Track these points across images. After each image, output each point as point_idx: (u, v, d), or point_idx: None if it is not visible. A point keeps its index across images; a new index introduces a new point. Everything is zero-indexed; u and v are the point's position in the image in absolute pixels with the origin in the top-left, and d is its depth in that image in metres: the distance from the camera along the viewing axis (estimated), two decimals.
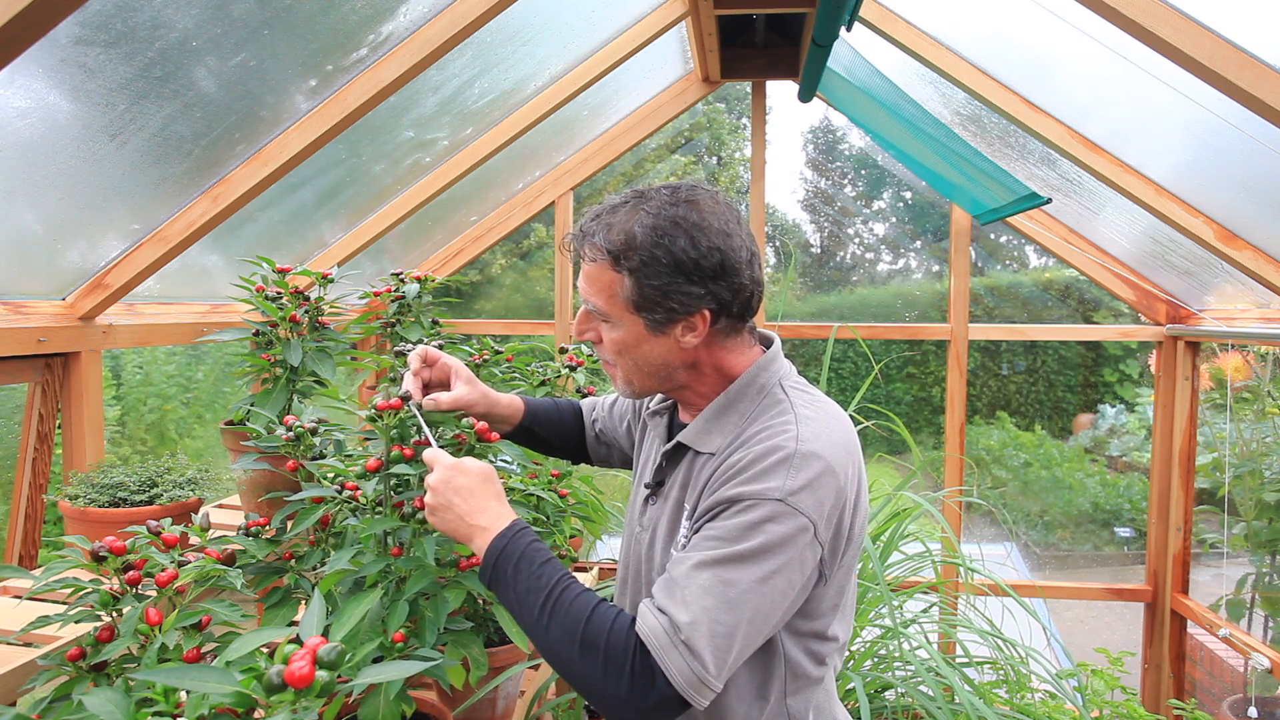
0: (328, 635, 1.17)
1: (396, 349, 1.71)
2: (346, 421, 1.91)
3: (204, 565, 1.20)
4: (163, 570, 1.16)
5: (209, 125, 1.82)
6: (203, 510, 1.38)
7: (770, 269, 5.90)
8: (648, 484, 1.26)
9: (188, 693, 0.89)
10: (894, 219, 7.56)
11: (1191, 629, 3.31)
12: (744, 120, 7.68)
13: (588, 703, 1.21)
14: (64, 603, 1.17)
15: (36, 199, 1.70)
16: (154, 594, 1.16)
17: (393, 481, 1.39)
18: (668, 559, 1.16)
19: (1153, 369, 3.39)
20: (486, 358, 2.02)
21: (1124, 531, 6.30)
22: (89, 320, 1.99)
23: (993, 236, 5.90)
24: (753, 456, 1.05)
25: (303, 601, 1.43)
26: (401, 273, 1.93)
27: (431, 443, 1.26)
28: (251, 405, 1.65)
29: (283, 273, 1.72)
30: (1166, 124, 2.29)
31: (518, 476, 1.73)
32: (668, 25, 2.72)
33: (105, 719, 0.88)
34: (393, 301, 1.89)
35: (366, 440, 1.48)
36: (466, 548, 1.41)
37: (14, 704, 1.24)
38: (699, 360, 1.16)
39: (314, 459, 1.47)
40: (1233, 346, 3.71)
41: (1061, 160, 2.68)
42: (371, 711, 1.19)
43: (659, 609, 1.00)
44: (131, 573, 1.16)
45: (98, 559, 1.14)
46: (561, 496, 1.88)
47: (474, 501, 1.12)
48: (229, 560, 1.24)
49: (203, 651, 1.11)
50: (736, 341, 1.18)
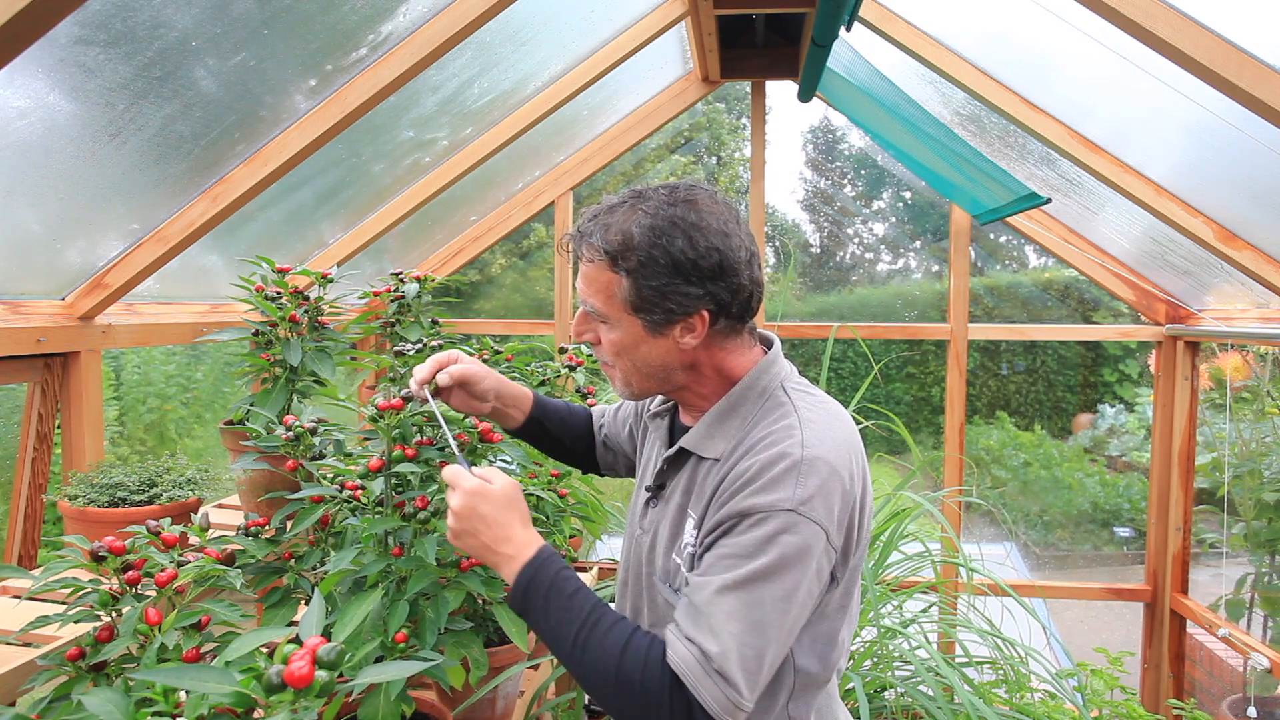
0: (329, 635, 1.17)
1: (396, 349, 1.71)
2: (346, 421, 1.90)
3: (203, 565, 1.20)
4: (162, 570, 1.16)
5: (208, 125, 1.82)
6: (202, 510, 1.38)
7: (770, 269, 5.90)
8: (648, 487, 1.25)
9: (187, 693, 0.88)
10: (893, 219, 7.56)
11: (1191, 629, 3.31)
12: (744, 120, 7.69)
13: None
14: (63, 603, 1.17)
15: (36, 199, 1.70)
16: (153, 594, 1.16)
17: (393, 481, 1.39)
18: (669, 563, 1.16)
19: (1152, 369, 3.39)
20: (486, 358, 2.02)
21: (1123, 531, 6.31)
22: (88, 320, 1.99)
23: (992, 236, 5.90)
24: (759, 465, 1.04)
25: (302, 601, 1.43)
26: (401, 272, 1.93)
27: (453, 447, 1.25)
28: (251, 405, 1.65)
29: (282, 272, 1.72)
30: (1166, 124, 2.29)
31: (518, 476, 1.73)
32: (667, 25, 2.72)
33: (105, 719, 0.88)
34: (392, 301, 1.89)
35: (366, 440, 1.48)
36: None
37: (14, 704, 1.24)
38: (698, 361, 1.16)
39: (313, 459, 1.47)
40: (1232, 346, 3.71)
41: (1061, 160, 2.68)
42: (371, 711, 1.19)
43: (688, 638, 0.99)
44: (131, 573, 1.16)
45: (97, 559, 1.14)
46: (561, 496, 1.88)
47: (498, 530, 1.10)
48: (228, 560, 1.24)
49: (202, 651, 1.11)
50: (736, 342, 1.17)
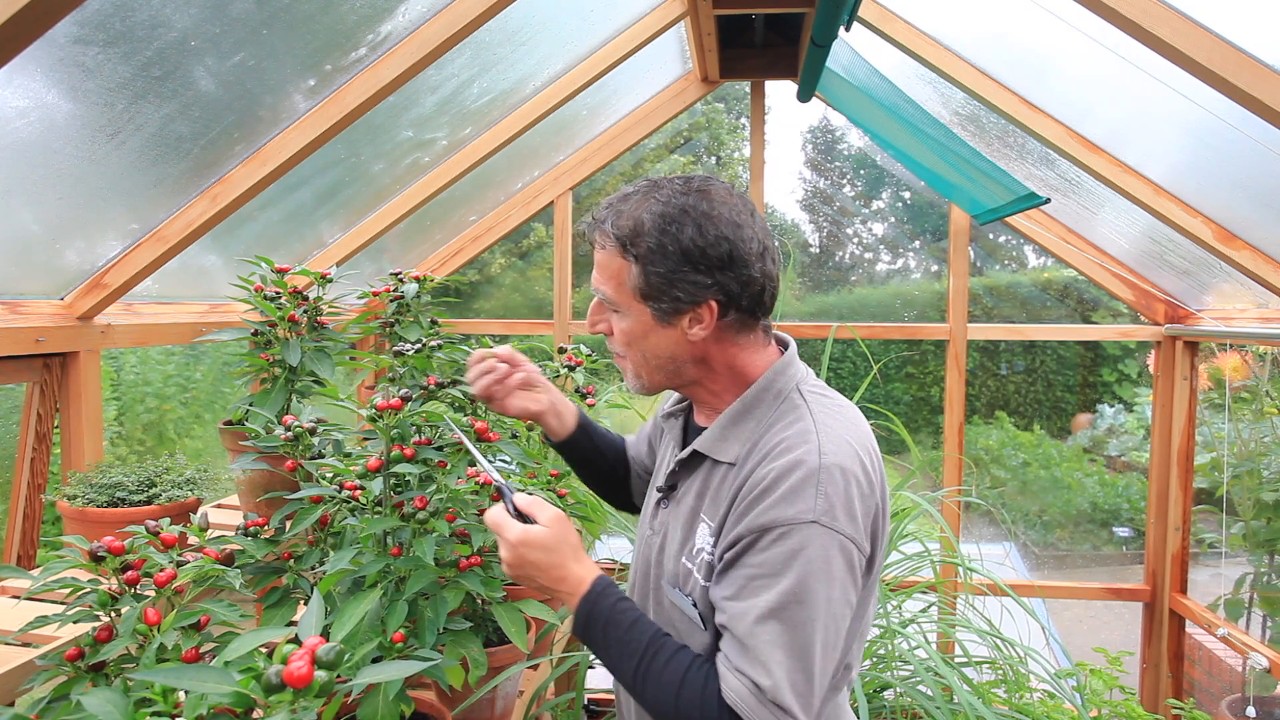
0: (327, 635, 1.17)
1: (395, 349, 1.71)
2: (345, 421, 1.90)
3: (202, 565, 1.20)
4: (161, 570, 1.16)
5: (208, 125, 1.82)
6: (201, 510, 1.38)
7: None
8: (660, 487, 1.24)
9: (186, 693, 0.88)
10: (893, 219, 7.56)
11: (1190, 628, 3.31)
12: (743, 120, 7.69)
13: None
14: (62, 603, 1.17)
15: (35, 198, 1.70)
16: (152, 594, 1.16)
17: (392, 481, 1.39)
18: (678, 567, 1.15)
19: (1151, 369, 3.39)
20: None
21: (1122, 531, 6.31)
22: (87, 320, 1.99)
23: (991, 236, 5.90)
24: (776, 473, 1.03)
25: (301, 601, 1.43)
26: (400, 272, 1.93)
27: (497, 479, 1.21)
28: (250, 405, 1.65)
29: (281, 272, 1.71)
30: (1165, 124, 2.29)
31: (517, 477, 1.73)
32: (667, 25, 2.72)
33: (104, 719, 0.88)
34: (391, 301, 1.89)
35: (365, 440, 1.48)
36: (467, 548, 1.42)
37: (13, 704, 1.24)
38: (709, 355, 1.15)
39: (312, 459, 1.47)
40: (1231, 346, 3.71)
41: (1060, 160, 2.68)
42: (370, 711, 1.19)
43: (738, 670, 0.99)
44: (130, 573, 1.16)
45: (96, 559, 1.14)
46: (561, 496, 1.88)
47: (553, 572, 1.11)
48: (228, 560, 1.24)
49: (201, 651, 1.11)
50: (749, 339, 1.16)
